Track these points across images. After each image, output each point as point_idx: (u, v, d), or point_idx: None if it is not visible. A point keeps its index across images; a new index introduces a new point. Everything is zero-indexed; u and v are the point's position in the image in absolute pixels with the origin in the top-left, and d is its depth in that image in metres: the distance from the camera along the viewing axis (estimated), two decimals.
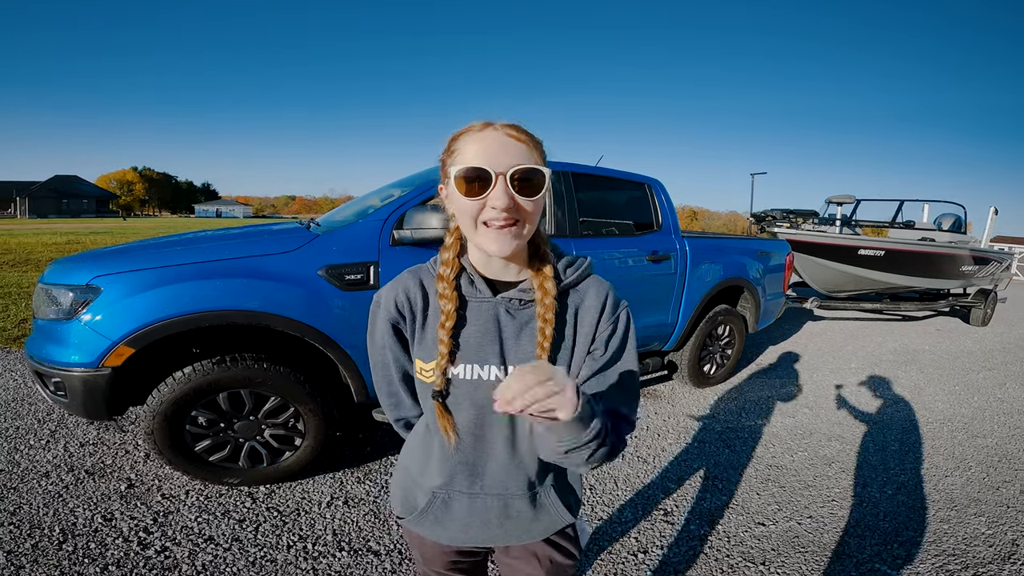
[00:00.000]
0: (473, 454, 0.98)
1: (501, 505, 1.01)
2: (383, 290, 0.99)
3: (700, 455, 3.15)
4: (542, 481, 1.02)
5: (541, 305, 0.91)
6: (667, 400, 4.05)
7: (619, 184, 3.75)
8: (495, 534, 1.04)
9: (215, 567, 1.99)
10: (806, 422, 3.77)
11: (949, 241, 7.62)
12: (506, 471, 0.99)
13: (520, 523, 1.03)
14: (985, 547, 2.38)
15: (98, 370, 2.14)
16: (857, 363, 5.55)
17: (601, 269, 3.30)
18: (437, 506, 1.03)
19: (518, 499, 1.01)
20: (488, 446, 0.98)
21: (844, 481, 2.91)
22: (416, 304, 0.96)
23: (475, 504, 1.01)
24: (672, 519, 2.47)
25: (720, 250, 4.18)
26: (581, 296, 0.97)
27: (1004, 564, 2.26)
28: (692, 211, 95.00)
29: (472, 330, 0.93)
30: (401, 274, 1.00)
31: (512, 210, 0.84)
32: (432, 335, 0.94)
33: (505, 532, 1.04)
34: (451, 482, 1.01)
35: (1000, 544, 2.40)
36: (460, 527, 1.03)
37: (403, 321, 0.97)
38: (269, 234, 2.72)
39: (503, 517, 1.02)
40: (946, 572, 2.18)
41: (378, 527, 2.28)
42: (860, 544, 2.34)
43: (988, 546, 2.38)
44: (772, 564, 2.18)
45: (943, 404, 4.34)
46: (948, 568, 2.20)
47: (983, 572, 2.20)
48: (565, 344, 0.95)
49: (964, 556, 2.29)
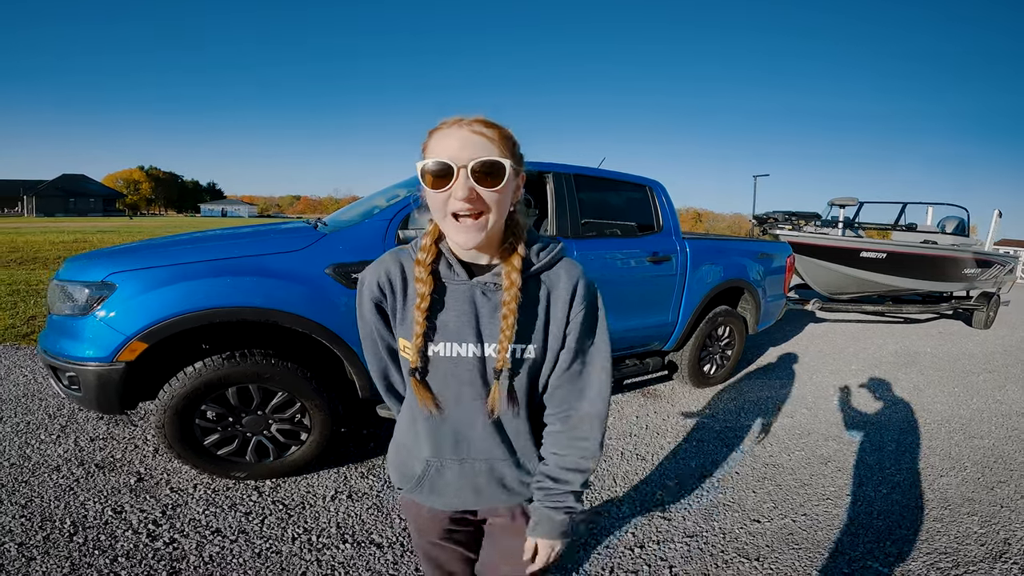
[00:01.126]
0: (456, 424, 1.05)
1: (488, 469, 1.08)
2: (367, 271, 1.06)
3: (698, 453, 3.19)
4: (522, 446, 1.10)
5: (507, 293, 0.98)
6: (667, 400, 4.09)
7: (620, 186, 3.80)
8: (485, 497, 1.11)
9: (222, 558, 2.04)
10: (804, 422, 3.80)
11: (952, 244, 7.63)
12: (488, 438, 1.07)
13: (506, 486, 1.10)
14: (977, 546, 2.41)
15: (112, 364, 2.20)
16: (858, 365, 5.57)
17: (603, 269, 3.38)
18: (432, 474, 1.10)
19: (502, 463, 1.09)
20: (469, 416, 1.05)
21: (840, 480, 2.95)
22: (396, 284, 1.03)
23: (464, 469, 1.09)
24: (669, 515, 2.51)
25: (720, 251, 4.22)
26: (554, 280, 1.04)
27: (995, 563, 2.29)
28: (697, 213, 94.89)
29: (450, 311, 1.00)
30: (384, 255, 1.07)
31: (475, 201, 0.90)
32: (412, 315, 1.00)
33: (493, 494, 1.11)
34: (439, 451, 1.08)
35: (992, 543, 2.44)
36: (453, 492, 1.11)
37: (385, 300, 1.05)
38: (278, 233, 2.78)
39: (491, 480, 1.09)
40: (937, 570, 2.21)
41: (381, 520, 2.33)
42: (853, 542, 2.38)
43: (980, 545, 2.42)
44: (766, 560, 2.22)
45: (942, 406, 4.37)
46: (939, 566, 2.24)
47: (974, 570, 2.23)
48: (539, 325, 1.03)
49: (955, 554, 2.33)
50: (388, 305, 1.05)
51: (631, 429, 3.49)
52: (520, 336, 1.00)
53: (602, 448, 1.09)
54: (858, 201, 7.72)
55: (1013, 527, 2.58)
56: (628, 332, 3.65)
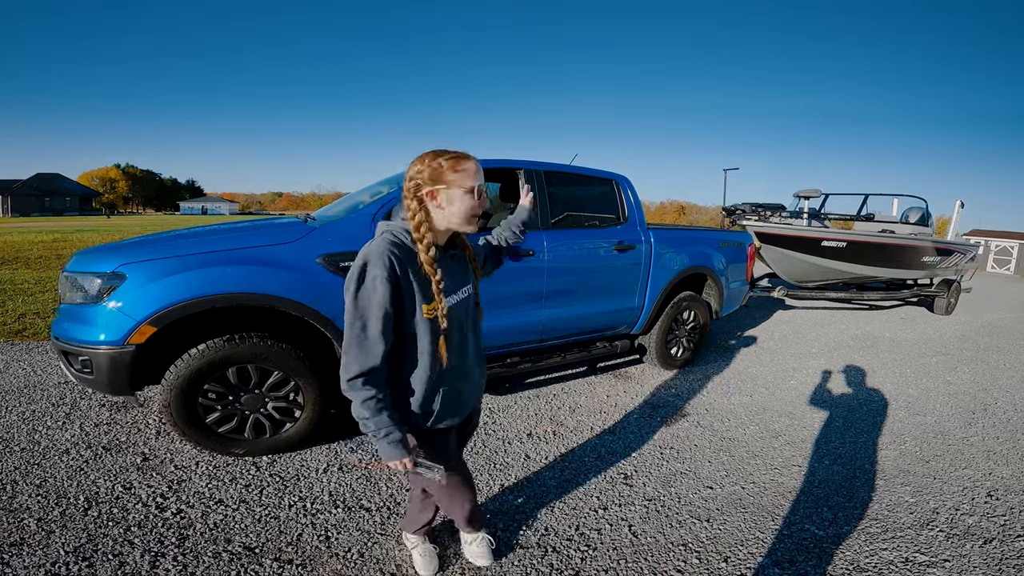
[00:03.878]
0: (460, 348, 1.59)
1: (479, 373, 1.75)
2: (372, 259, 1.39)
3: (662, 429, 3.47)
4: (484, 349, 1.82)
5: (470, 258, 1.69)
6: (636, 381, 4.38)
7: (588, 181, 4.06)
8: (478, 396, 1.80)
9: (226, 524, 2.27)
10: (761, 400, 4.11)
11: (910, 233, 8.00)
12: (476, 352, 1.71)
13: (482, 384, 1.81)
14: (906, 514, 2.61)
15: (123, 347, 2.42)
16: (818, 348, 5.92)
17: (571, 257, 3.64)
18: (452, 396, 1.61)
19: (481, 367, 1.77)
20: (465, 340, 1.63)
21: (788, 452, 3.24)
22: (406, 264, 1.42)
23: (467, 383, 1.68)
24: (631, 482, 2.78)
25: (684, 241, 4.51)
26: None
27: (922, 530, 2.49)
28: (680, 206, 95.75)
29: (446, 274, 1.51)
30: (380, 243, 1.42)
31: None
32: (424, 286, 1.45)
33: (480, 393, 1.81)
34: (453, 379, 1.60)
35: (921, 512, 2.64)
36: (465, 402, 1.69)
37: (398, 279, 1.40)
38: (272, 227, 3.00)
39: (480, 382, 1.77)
40: (867, 534, 2.44)
41: (370, 488, 2.57)
42: (794, 507, 2.63)
43: (909, 513, 2.62)
44: (715, 521, 2.48)
45: (892, 385, 4.68)
46: (869, 531, 2.46)
47: (900, 536, 2.43)
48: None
49: (885, 521, 2.54)
50: (403, 282, 1.42)
51: (602, 407, 3.77)
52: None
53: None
54: (822, 193, 8.06)
55: (943, 497, 2.78)
56: (596, 315, 3.93)
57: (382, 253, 1.38)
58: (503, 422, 3.45)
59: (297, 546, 2.15)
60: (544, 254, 3.48)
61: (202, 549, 2.10)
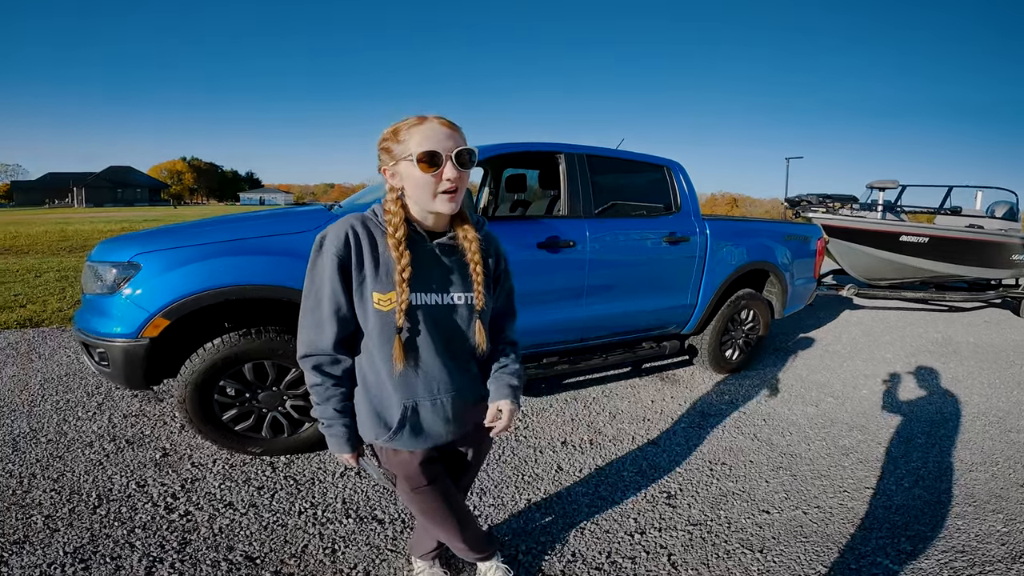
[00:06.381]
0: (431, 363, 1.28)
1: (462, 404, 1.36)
2: (329, 233, 1.20)
3: (713, 441, 3.14)
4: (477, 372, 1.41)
5: (470, 251, 1.27)
6: (685, 385, 4.03)
7: (636, 166, 3.73)
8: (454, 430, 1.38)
9: (230, 530, 2.13)
10: (829, 411, 3.69)
11: (1000, 229, 7.22)
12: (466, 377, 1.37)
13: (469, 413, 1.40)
14: (997, 545, 2.29)
15: (137, 340, 2.32)
16: (893, 353, 5.35)
17: (616, 249, 3.33)
18: (410, 416, 1.30)
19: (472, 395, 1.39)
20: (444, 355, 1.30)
21: (860, 472, 2.85)
22: (364, 245, 1.21)
23: (434, 410, 1.32)
24: (674, 503, 2.48)
25: (744, 233, 4.11)
26: (485, 245, 1.35)
27: (1013, 563, 2.17)
28: (733, 198, 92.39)
29: (418, 268, 1.21)
30: (344, 220, 1.21)
31: (456, 180, 1.16)
32: (386, 274, 1.20)
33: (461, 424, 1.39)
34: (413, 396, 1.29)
35: (1014, 543, 2.31)
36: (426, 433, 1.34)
37: (351, 256, 1.20)
38: (293, 215, 2.86)
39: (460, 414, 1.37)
40: (951, 569, 2.11)
41: (385, 498, 2.38)
42: (866, 536, 2.30)
43: (1000, 544, 2.29)
44: (770, 552, 2.17)
45: (979, 397, 4.16)
46: (953, 565, 2.14)
47: (989, 570, 2.12)
48: (488, 273, 1.33)
49: (973, 553, 2.22)
50: (353, 264, 1.20)
51: (645, 414, 3.46)
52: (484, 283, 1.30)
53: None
54: (899, 184, 7.36)
55: None
56: (643, 314, 3.61)
57: (340, 226, 1.22)
58: (536, 428, 3.19)
59: (300, 559, 1.99)
60: (586, 245, 3.19)
61: (202, 556, 1.97)
